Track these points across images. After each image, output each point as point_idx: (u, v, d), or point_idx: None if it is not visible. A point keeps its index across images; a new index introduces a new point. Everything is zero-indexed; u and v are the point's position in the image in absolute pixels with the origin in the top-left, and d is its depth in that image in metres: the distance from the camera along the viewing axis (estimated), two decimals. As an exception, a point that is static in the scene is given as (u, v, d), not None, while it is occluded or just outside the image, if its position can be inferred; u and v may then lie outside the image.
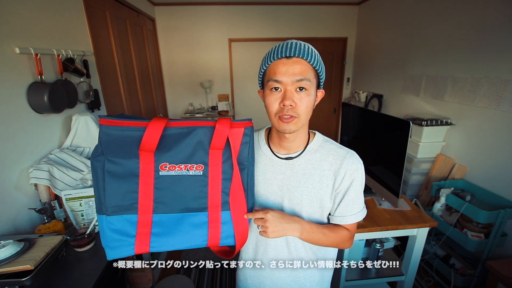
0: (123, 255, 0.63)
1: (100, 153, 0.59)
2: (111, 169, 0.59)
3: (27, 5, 1.26)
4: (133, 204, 0.61)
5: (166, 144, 0.61)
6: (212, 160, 0.63)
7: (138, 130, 0.59)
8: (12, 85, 1.16)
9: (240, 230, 0.66)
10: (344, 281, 1.47)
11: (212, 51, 3.57)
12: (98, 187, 0.60)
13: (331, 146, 0.75)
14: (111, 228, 0.61)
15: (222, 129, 0.61)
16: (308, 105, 0.65)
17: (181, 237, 0.64)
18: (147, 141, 0.58)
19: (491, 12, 1.79)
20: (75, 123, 1.46)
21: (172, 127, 0.61)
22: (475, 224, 1.74)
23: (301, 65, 0.63)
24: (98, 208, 0.61)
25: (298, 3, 3.42)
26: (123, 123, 0.59)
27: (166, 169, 0.61)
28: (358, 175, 0.72)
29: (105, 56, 2.03)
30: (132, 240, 0.62)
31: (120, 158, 0.59)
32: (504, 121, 1.72)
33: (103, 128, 0.59)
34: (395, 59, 2.83)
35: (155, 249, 0.63)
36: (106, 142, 0.59)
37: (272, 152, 0.76)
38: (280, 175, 0.74)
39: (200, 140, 0.62)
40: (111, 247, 0.62)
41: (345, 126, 1.92)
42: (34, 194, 1.25)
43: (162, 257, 2.23)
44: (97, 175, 0.60)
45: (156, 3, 3.25)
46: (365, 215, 0.77)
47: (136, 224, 0.61)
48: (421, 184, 2.28)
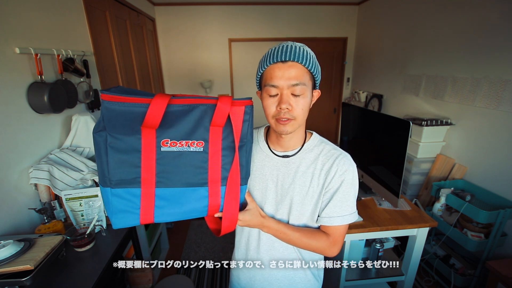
0: (129, 224, 0.64)
1: (102, 128, 0.59)
2: (113, 144, 0.60)
3: (27, 5, 1.26)
4: (136, 178, 0.62)
5: (168, 120, 0.61)
6: (213, 137, 0.64)
7: (141, 107, 0.59)
8: (12, 85, 1.16)
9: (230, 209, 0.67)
10: (344, 281, 1.47)
11: (212, 51, 3.57)
12: (101, 161, 0.61)
13: (326, 147, 0.77)
14: (116, 199, 0.62)
15: (223, 107, 0.62)
16: (304, 107, 0.68)
17: (182, 209, 0.66)
18: (150, 118, 0.58)
19: (491, 12, 1.79)
20: (75, 123, 1.46)
21: (175, 104, 0.62)
22: (475, 224, 1.74)
23: (297, 69, 0.65)
24: (102, 180, 0.62)
25: (298, 3, 3.42)
26: (126, 99, 0.58)
27: (167, 145, 0.62)
28: (348, 176, 0.73)
29: (105, 56, 2.03)
30: (137, 211, 0.63)
31: (122, 134, 0.59)
32: (504, 121, 1.72)
33: (106, 104, 0.58)
34: (395, 59, 2.83)
35: (159, 219, 0.65)
36: (108, 118, 0.58)
37: (269, 149, 0.79)
38: (276, 171, 0.77)
39: (201, 117, 0.63)
40: (118, 217, 0.63)
41: (345, 126, 1.92)
42: (34, 194, 1.25)
43: (162, 257, 2.23)
44: (100, 149, 0.60)
45: (156, 3, 3.25)
46: (355, 220, 0.76)
47: (139, 197, 0.63)
48: (421, 184, 2.28)
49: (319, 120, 4.05)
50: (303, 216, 0.76)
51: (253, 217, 0.70)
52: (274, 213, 0.78)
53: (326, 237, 0.75)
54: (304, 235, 0.74)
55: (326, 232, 0.77)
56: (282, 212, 0.77)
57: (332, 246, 0.76)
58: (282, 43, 0.67)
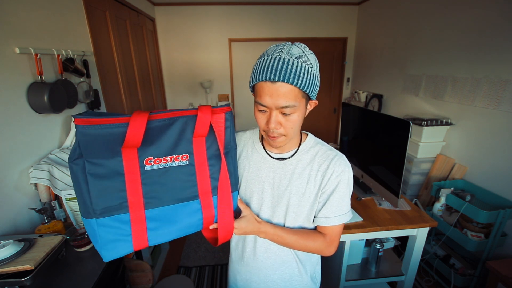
0: (121, 254, 0.61)
1: (78, 155, 0.55)
2: (92, 171, 0.56)
3: (27, 5, 1.26)
4: (122, 203, 0.58)
5: (149, 138, 0.59)
6: (197, 148, 0.63)
7: (119, 127, 0.56)
8: (12, 85, 1.16)
9: (224, 218, 0.67)
10: (344, 281, 1.47)
11: (212, 51, 3.57)
12: (81, 191, 0.56)
13: (322, 148, 0.77)
14: (104, 229, 0.58)
15: (204, 116, 0.61)
16: (294, 125, 0.66)
17: (177, 227, 0.64)
18: (131, 137, 0.55)
19: (491, 12, 1.79)
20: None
21: (154, 120, 0.59)
22: (475, 224, 1.74)
23: (286, 91, 0.60)
24: (85, 212, 0.57)
25: (298, 3, 3.42)
26: (102, 121, 0.54)
27: (151, 164, 0.60)
28: (344, 177, 0.73)
29: (105, 56, 2.03)
30: (129, 238, 0.60)
31: (101, 158, 0.56)
32: (504, 121, 1.72)
33: (80, 129, 0.54)
34: (395, 59, 2.84)
35: (154, 242, 0.63)
36: (85, 143, 0.54)
37: (265, 151, 0.78)
38: (272, 173, 0.76)
39: (183, 129, 0.61)
40: (108, 249, 0.60)
41: (345, 126, 1.92)
42: (34, 194, 1.25)
43: (162, 257, 2.23)
44: (78, 178, 0.56)
45: (156, 3, 3.25)
46: (349, 219, 0.77)
47: (129, 223, 0.59)
48: (421, 184, 2.28)
49: (319, 120, 4.05)
50: (299, 217, 0.76)
51: (249, 223, 0.70)
52: (271, 215, 0.78)
53: (322, 237, 0.76)
54: (301, 237, 0.74)
55: (323, 232, 0.77)
56: (278, 214, 0.77)
57: (329, 245, 0.76)
58: (275, 53, 0.61)
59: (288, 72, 0.59)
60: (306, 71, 0.61)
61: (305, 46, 0.65)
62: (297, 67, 0.60)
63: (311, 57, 0.64)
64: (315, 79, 0.64)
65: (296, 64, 0.60)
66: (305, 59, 0.62)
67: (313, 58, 0.65)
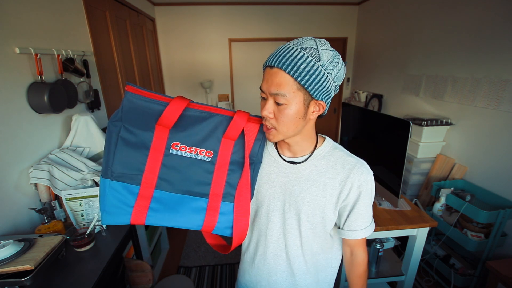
0: (119, 222, 0.63)
1: (119, 118, 0.60)
2: (125, 136, 0.60)
3: (27, 5, 1.26)
4: (137, 175, 0.61)
5: (183, 123, 0.61)
6: (223, 149, 0.64)
7: (160, 104, 0.60)
8: (12, 85, 1.16)
9: (239, 226, 0.67)
10: (344, 281, 1.47)
11: (212, 51, 3.57)
12: (109, 151, 0.61)
13: (340, 154, 0.71)
14: (112, 193, 0.61)
15: (240, 120, 0.62)
16: (287, 119, 0.61)
17: (177, 217, 0.64)
18: (167, 117, 0.59)
19: (491, 12, 1.79)
20: (75, 123, 1.46)
21: (192, 109, 0.62)
22: (475, 224, 1.74)
23: (280, 78, 0.57)
24: (104, 171, 0.61)
25: (298, 3, 3.42)
26: (148, 94, 0.59)
27: (177, 148, 0.62)
28: (367, 187, 0.68)
29: (105, 56, 2.03)
30: (130, 210, 0.62)
31: (137, 128, 0.60)
32: (504, 121, 1.72)
33: (128, 95, 0.59)
34: (395, 59, 2.84)
35: (150, 222, 0.64)
36: (128, 110, 0.59)
37: (278, 154, 0.74)
38: (284, 178, 0.72)
39: (216, 127, 0.63)
40: (109, 212, 0.62)
41: (345, 126, 1.92)
42: (34, 194, 1.25)
43: (162, 257, 2.23)
44: (110, 138, 0.60)
45: (156, 3, 3.25)
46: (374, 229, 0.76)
47: (136, 195, 0.62)
48: (421, 184, 2.28)
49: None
50: (315, 228, 0.72)
51: None
52: (282, 222, 0.73)
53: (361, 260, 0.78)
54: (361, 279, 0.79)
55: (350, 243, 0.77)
56: (290, 222, 0.72)
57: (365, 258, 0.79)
58: (290, 42, 0.61)
59: (285, 59, 0.57)
60: (307, 63, 0.56)
61: (324, 42, 0.60)
62: (297, 56, 0.56)
63: (324, 52, 0.58)
64: (320, 76, 0.58)
65: (298, 53, 0.57)
66: (313, 51, 0.57)
67: (327, 55, 0.58)
